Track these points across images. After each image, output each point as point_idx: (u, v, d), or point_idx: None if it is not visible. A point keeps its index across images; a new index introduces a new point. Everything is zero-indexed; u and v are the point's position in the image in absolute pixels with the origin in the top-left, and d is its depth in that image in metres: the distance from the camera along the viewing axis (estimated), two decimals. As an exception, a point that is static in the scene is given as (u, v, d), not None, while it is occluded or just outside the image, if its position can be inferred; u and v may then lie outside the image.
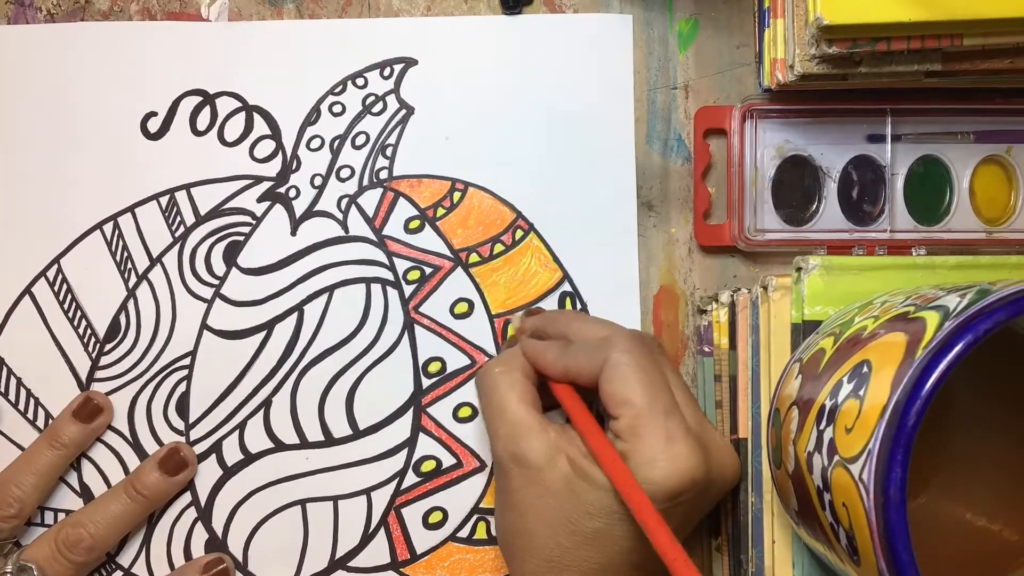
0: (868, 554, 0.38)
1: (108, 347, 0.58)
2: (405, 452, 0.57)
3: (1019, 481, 0.49)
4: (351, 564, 0.57)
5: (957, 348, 0.36)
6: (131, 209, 0.58)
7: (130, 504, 0.55)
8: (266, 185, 0.58)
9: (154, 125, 0.58)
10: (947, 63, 0.50)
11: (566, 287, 0.58)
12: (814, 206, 0.57)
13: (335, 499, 0.57)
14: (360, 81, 0.58)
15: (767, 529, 0.51)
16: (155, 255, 0.58)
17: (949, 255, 0.52)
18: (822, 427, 0.41)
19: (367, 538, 0.57)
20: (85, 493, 0.57)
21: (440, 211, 0.58)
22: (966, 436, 0.50)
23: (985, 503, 0.49)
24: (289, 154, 0.58)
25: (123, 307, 0.58)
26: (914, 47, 0.49)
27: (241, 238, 0.58)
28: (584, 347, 0.49)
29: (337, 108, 0.58)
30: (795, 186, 0.57)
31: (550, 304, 0.57)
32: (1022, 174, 0.57)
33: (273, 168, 0.58)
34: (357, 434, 0.57)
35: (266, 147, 0.58)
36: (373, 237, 0.58)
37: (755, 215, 0.57)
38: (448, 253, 0.58)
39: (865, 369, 0.40)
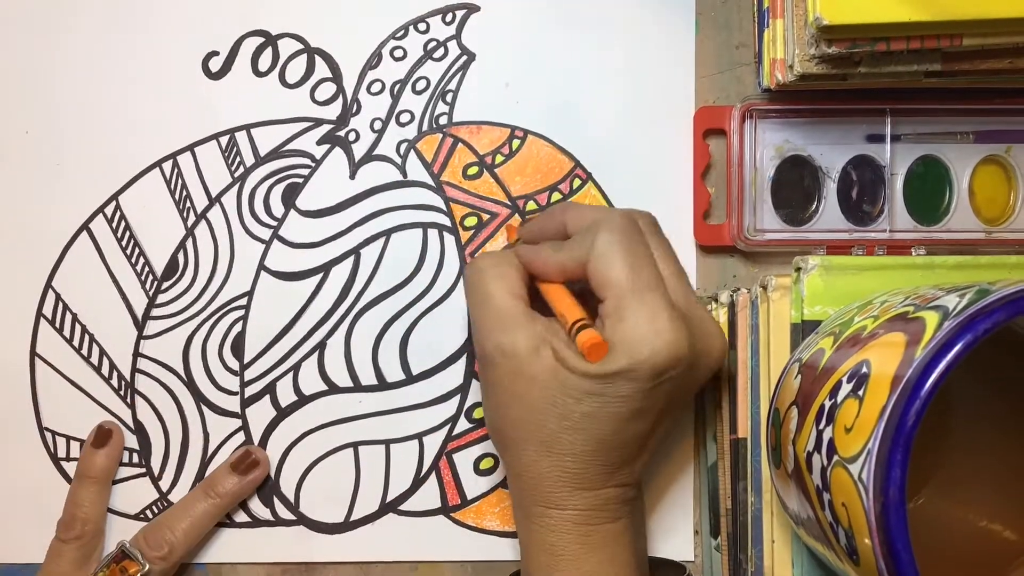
0: (867, 554, 0.38)
1: (165, 285, 0.58)
2: (458, 398, 0.58)
3: (1019, 481, 0.49)
4: (402, 508, 0.57)
5: (956, 348, 0.36)
6: (191, 148, 0.58)
7: (209, 505, 0.56)
8: (326, 128, 0.58)
9: (215, 64, 0.58)
10: (947, 63, 0.50)
11: (622, 238, 0.58)
12: (813, 206, 0.57)
13: (387, 443, 0.58)
14: (422, 26, 0.58)
15: (767, 529, 0.52)
16: (214, 195, 0.58)
17: (948, 255, 0.52)
18: (821, 427, 0.41)
19: (418, 482, 0.58)
20: (139, 431, 0.58)
21: (499, 158, 0.58)
22: (965, 436, 0.50)
23: (985, 503, 0.49)
24: (350, 97, 0.58)
25: (181, 245, 0.58)
26: (914, 47, 0.48)
27: (300, 180, 0.58)
28: (575, 239, 0.50)
29: (398, 53, 0.58)
30: (795, 186, 0.57)
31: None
32: (1022, 174, 0.56)
33: (333, 111, 0.58)
34: (410, 379, 0.58)
35: (327, 90, 0.58)
36: (431, 182, 0.58)
37: (754, 215, 0.56)
38: (506, 200, 0.58)
39: (864, 369, 0.40)
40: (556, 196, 0.58)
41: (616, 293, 0.47)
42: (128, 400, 0.58)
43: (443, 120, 0.58)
